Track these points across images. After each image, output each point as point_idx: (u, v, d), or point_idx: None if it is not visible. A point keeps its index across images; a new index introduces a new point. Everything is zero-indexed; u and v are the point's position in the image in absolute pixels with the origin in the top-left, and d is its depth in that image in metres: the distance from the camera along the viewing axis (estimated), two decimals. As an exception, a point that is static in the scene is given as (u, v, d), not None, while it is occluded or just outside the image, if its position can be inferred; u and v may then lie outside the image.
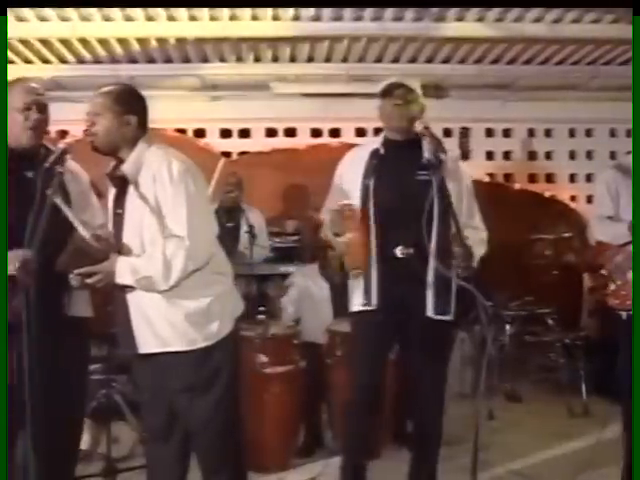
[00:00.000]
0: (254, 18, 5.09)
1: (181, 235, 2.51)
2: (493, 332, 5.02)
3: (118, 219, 2.67)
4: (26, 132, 2.81)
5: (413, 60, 5.95)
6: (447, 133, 6.52)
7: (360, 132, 6.56)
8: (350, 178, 3.25)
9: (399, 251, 3.08)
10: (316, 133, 6.66)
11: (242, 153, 6.62)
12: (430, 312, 3.08)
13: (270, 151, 6.57)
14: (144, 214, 2.56)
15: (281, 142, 6.64)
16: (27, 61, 5.80)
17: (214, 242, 2.68)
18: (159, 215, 2.54)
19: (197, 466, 2.77)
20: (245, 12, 4.99)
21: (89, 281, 2.56)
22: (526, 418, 4.99)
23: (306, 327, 4.45)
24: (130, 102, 2.66)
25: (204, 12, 4.97)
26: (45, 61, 5.83)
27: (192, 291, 2.59)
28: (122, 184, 2.65)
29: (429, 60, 5.98)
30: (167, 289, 2.54)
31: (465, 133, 6.74)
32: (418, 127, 3.00)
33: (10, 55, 5.65)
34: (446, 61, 6.02)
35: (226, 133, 6.61)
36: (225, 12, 4.99)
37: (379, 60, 5.91)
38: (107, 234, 2.76)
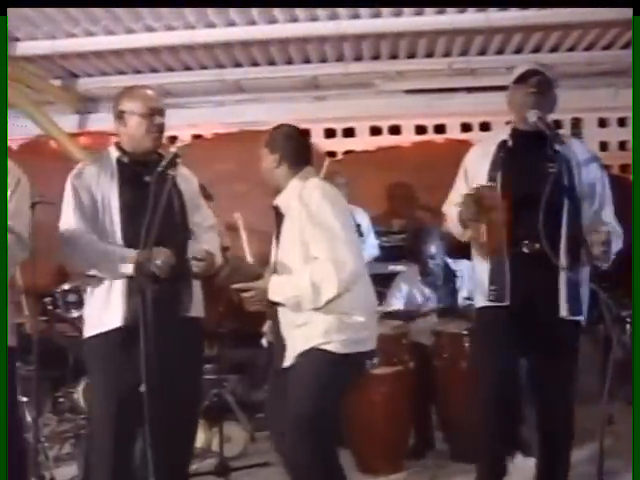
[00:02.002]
0: (354, 16, 5.06)
1: (327, 259, 2.65)
2: (618, 332, 4.78)
3: (276, 243, 2.88)
4: (150, 136, 2.95)
5: (518, 51, 5.75)
6: (558, 125, 6.27)
7: (466, 127, 6.41)
8: (476, 171, 3.15)
9: (526, 246, 2.96)
10: (421, 130, 6.54)
11: (347, 152, 6.60)
12: (564, 312, 2.94)
13: (375, 149, 6.51)
14: (294, 241, 2.75)
15: (386, 140, 6.56)
16: (137, 71, 6.00)
17: (359, 261, 2.78)
18: (305, 242, 2.71)
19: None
20: (345, 10, 4.95)
21: (244, 295, 2.77)
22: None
23: (411, 327, 4.38)
24: (273, 141, 2.88)
25: (304, 13, 4.98)
26: (153, 70, 6.01)
27: (339, 305, 2.71)
28: (278, 212, 2.86)
29: (536, 49, 5.76)
30: (315, 308, 2.69)
31: (577, 124, 6.46)
32: (532, 117, 2.88)
33: (120, 66, 5.87)
34: (554, 50, 5.78)
35: (331, 132, 6.61)
36: (323, 12, 4.98)
37: (482, 53, 5.75)
38: (215, 245, 3.03)
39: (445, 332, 4.06)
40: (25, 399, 4.02)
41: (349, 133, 6.60)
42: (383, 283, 5.02)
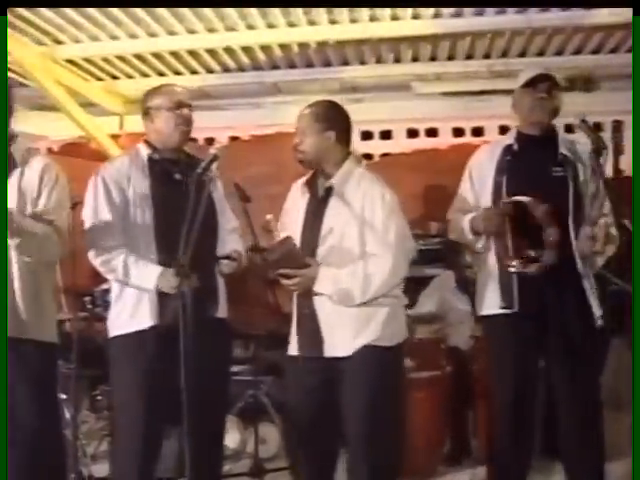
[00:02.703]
0: (394, 18, 5.04)
1: (386, 258, 2.65)
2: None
3: (314, 227, 2.80)
4: (178, 130, 2.94)
5: (559, 52, 5.68)
6: (598, 127, 6.16)
7: (504, 130, 6.21)
8: (481, 176, 3.15)
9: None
10: (458, 132, 6.48)
11: (384, 155, 6.58)
12: (575, 315, 2.92)
13: (412, 152, 6.47)
14: (346, 226, 2.72)
15: (423, 143, 6.52)
16: (177, 72, 6.05)
17: (408, 266, 2.79)
18: (362, 232, 2.69)
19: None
20: (385, 12, 4.94)
21: (287, 282, 2.73)
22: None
23: (449, 332, 4.35)
24: (329, 118, 2.84)
25: (344, 15, 4.97)
26: (193, 72, 6.06)
27: (380, 299, 2.72)
28: (325, 195, 2.80)
29: (577, 51, 5.69)
30: (359, 304, 2.69)
31: (618, 127, 6.34)
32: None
33: (160, 67, 5.93)
34: (596, 51, 5.69)
35: (367, 135, 6.59)
36: (365, 13, 4.96)
37: (523, 54, 5.68)
38: (239, 246, 3.01)
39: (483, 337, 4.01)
40: (64, 396, 4.10)
41: (386, 135, 6.57)
42: (417, 286, 5.02)
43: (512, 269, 2.95)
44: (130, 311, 2.85)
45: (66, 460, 3.09)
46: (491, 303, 3.07)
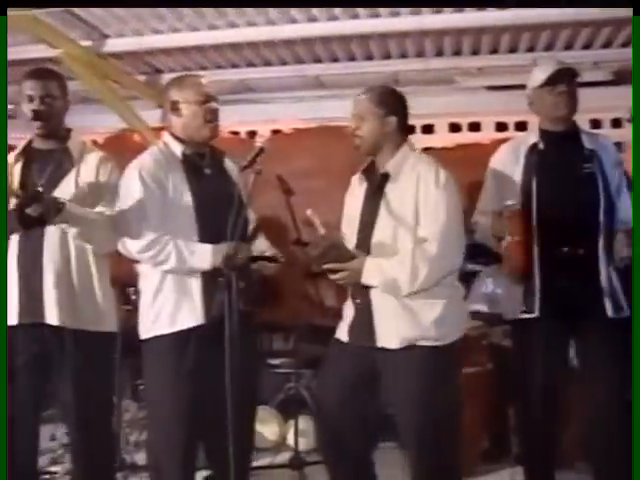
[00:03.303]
0: (437, 12, 4.99)
1: (434, 243, 2.57)
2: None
3: (370, 214, 2.75)
4: (208, 125, 2.90)
5: (607, 45, 5.56)
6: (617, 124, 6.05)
7: (548, 124, 6.23)
8: (506, 176, 3.09)
9: (566, 251, 2.89)
10: (501, 127, 6.38)
11: (425, 149, 6.51)
12: (609, 312, 2.88)
13: (454, 146, 6.40)
14: (401, 214, 2.64)
15: (465, 137, 6.43)
16: (219, 66, 6.08)
17: (461, 256, 2.70)
18: (415, 217, 2.62)
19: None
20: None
21: (334, 277, 2.67)
22: None
23: (493, 329, 4.30)
24: (390, 103, 2.78)
25: (385, 7, 4.93)
26: (235, 65, 6.08)
27: (436, 292, 2.64)
28: (381, 181, 2.73)
29: (624, 44, 5.56)
30: (409, 294, 2.60)
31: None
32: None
33: (202, 61, 5.96)
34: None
35: (409, 129, 6.51)
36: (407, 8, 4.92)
37: (569, 47, 5.57)
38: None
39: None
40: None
41: (428, 130, 6.52)
42: (464, 281, 4.96)
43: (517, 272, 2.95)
44: (172, 310, 2.78)
45: (115, 446, 3.15)
46: (513, 307, 3.05)
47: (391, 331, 2.65)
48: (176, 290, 2.80)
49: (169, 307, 2.79)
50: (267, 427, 4.26)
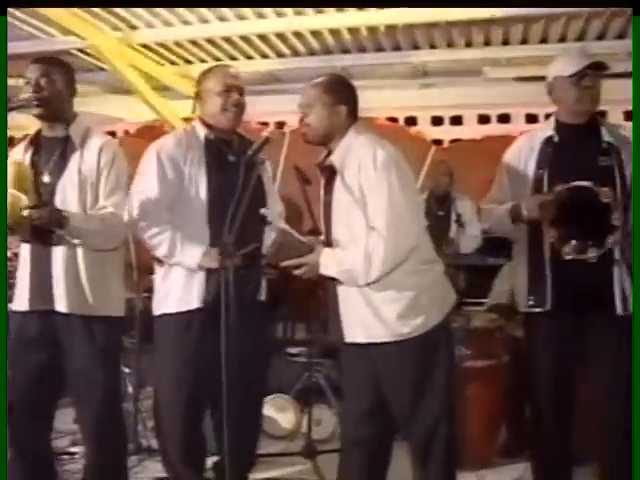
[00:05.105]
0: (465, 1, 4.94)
1: (380, 228, 2.46)
2: None
3: (327, 209, 2.70)
4: (226, 114, 2.93)
5: (641, 35, 5.45)
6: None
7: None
8: (519, 168, 3.00)
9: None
10: (531, 119, 6.32)
11: (454, 141, 6.49)
12: (619, 309, 2.82)
13: (483, 138, 6.37)
14: (350, 205, 2.54)
15: (494, 129, 6.41)
16: (248, 57, 6.12)
17: (417, 234, 2.57)
18: (363, 205, 2.51)
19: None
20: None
21: (296, 272, 2.61)
22: None
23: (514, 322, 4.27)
24: (340, 92, 2.66)
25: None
26: (264, 56, 6.12)
27: (399, 282, 2.54)
28: (331, 174, 2.65)
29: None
30: (367, 283, 2.52)
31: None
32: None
33: (232, 52, 6.01)
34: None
35: (438, 121, 6.52)
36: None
37: (600, 37, 5.48)
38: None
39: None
40: (128, 370, 4.25)
41: (457, 121, 6.50)
42: (485, 275, 4.93)
43: (567, 256, 2.85)
44: (180, 290, 2.88)
45: (126, 430, 3.20)
46: (525, 300, 2.99)
47: (357, 326, 2.60)
48: (184, 272, 2.88)
49: (177, 287, 2.89)
50: (283, 415, 4.29)
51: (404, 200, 2.50)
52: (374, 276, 2.49)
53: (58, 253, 2.79)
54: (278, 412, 4.26)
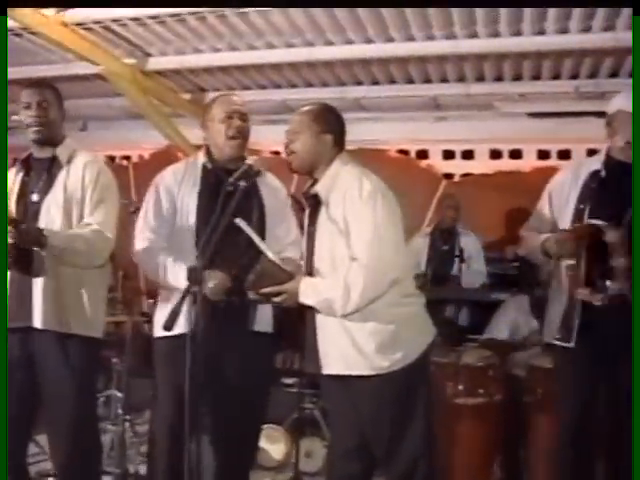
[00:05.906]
0: (473, 35, 4.92)
1: (362, 258, 2.44)
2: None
3: (310, 238, 2.68)
4: (229, 141, 2.91)
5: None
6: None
7: (591, 154, 5.97)
8: (561, 200, 2.98)
9: (609, 285, 2.75)
10: (543, 155, 6.28)
11: (465, 175, 6.45)
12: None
13: (494, 173, 6.32)
14: (334, 234, 2.53)
15: (506, 164, 6.36)
16: (260, 86, 6.16)
17: (400, 267, 2.55)
18: (347, 235, 2.49)
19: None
20: (462, 30, 4.83)
21: (275, 300, 2.60)
22: None
23: (510, 359, 4.19)
24: (328, 121, 2.68)
25: (422, 32, 4.90)
26: (276, 85, 6.16)
27: (379, 314, 2.51)
28: (316, 203, 2.64)
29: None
30: (345, 315, 2.49)
31: None
32: None
33: (245, 81, 6.05)
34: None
35: (449, 154, 6.49)
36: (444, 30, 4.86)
37: (614, 75, 5.43)
38: (296, 256, 2.85)
39: (540, 367, 3.81)
40: (120, 394, 4.24)
41: (468, 155, 6.46)
42: (487, 311, 4.86)
43: (580, 297, 2.81)
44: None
45: (99, 450, 3.15)
46: (552, 332, 2.95)
47: (335, 357, 2.56)
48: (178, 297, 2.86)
49: (166, 312, 2.83)
50: (275, 446, 4.24)
51: (388, 232, 2.49)
52: (352, 307, 2.46)
53: None
54: (269, 443, 4.20)
